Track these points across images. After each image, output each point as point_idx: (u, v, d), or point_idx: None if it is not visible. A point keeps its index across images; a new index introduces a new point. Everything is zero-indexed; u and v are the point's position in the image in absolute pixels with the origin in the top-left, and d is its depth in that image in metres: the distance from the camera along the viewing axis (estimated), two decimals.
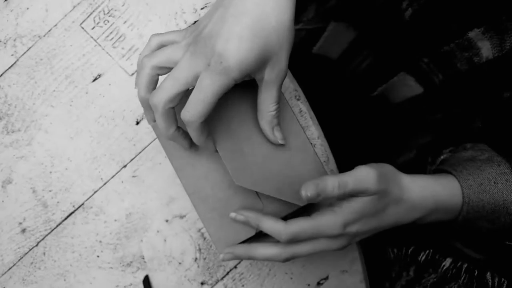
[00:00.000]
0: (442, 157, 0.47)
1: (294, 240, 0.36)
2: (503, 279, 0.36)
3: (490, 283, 0.36)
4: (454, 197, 0.39)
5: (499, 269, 0.38)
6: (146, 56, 0.37)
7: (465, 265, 0.38)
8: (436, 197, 0.39)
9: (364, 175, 0.35)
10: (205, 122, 0.36)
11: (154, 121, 0.38)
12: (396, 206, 0.37)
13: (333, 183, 0.35)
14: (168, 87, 0.34)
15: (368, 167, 0.36)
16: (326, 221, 0.36)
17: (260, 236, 0.40)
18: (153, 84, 0.38)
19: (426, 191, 0.39)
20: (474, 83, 0.40)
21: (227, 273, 0.53)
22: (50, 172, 0.53)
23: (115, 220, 0.53)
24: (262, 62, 0.34)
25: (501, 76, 0.38)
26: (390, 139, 0.51)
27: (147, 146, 0.53)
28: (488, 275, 0.36)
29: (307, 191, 0.35)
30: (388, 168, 0.38)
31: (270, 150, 0.39)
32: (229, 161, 0.38)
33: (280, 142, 0.39)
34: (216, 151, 0.39)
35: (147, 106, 0.38)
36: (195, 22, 0.53)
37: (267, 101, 0.36)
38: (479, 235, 0.40)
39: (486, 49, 0.38)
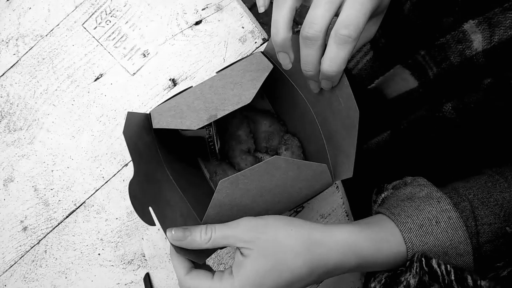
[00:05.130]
0: (383, 195, 0.44)
1: None
2: (449, 267, 0.34)
3: (439, 272, 0.34)
4: (396, 242, 0.36)
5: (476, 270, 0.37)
6: None
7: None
8: (358, 251, 0.36)
9: (235, 224, 0.36)
10: None
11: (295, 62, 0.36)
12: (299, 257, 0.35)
13: (202, 228, 0.36)
14: (325, 11, 0.32)
15: (248, 218, 0.36)
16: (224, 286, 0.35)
17: None
18: (292, 22, 0.34)
19: (343, 242, 0.36)
20: (462, 76, 0.41)
21: None
22: (52, 171, 0.53)
23: (117, 218, 0.53)
24: None
25: (485, 68, 0.38)
26: (374, 125, 0.51)
27: None
28: (434, 262, 0.35)
29: (173, 230, 0.36)
30: (271, 220, 0.36)
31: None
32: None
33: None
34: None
35: (285, 49, 0.36)
36: (197, 22, 0.53)
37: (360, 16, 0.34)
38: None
39: (477, 42, 0.38)
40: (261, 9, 0.38)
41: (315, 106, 0.43)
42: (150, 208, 0.37)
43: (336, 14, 0.33)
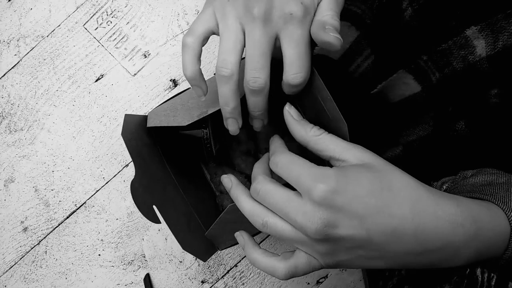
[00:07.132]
0: (445, 186, 0.41)
1: (257, 193, 0.31)
2: (492, 274, 0.34)
3: (480, 279, 0.35)
4: (497, 226, 0.31)
5: (488, 264, 0.35)
6: (186, 34, 0.35)
7: None
8: (476, 217, 0.30)
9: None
10: None
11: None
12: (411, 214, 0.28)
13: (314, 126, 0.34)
14: (260, 64, 0.31)
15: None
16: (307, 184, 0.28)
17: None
18: (238, 90, 0.34)
19: (462, 206, 0.30)
20: (467, 82, 0.41)
21: (228, 271, 0.54)
22: (53, 171, 0.53)
23: (117, 219, 0.53)
24: None
25: (490, 74, 0.38)
26: (381, 134, 0.51)
27: None
28: (478, 271, 0.33)
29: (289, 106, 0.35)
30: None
31: None
32: None
33: (337, 40, 0.31)
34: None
35: (234, 115, 0.36)
36: None
37: (323, 7, 0.32)
38: None
39: (480, 47, 0.37)
40: (201, 97, 0.38)
41: (306, 113, 0.44)
42: (154, 207, 0.37)
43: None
